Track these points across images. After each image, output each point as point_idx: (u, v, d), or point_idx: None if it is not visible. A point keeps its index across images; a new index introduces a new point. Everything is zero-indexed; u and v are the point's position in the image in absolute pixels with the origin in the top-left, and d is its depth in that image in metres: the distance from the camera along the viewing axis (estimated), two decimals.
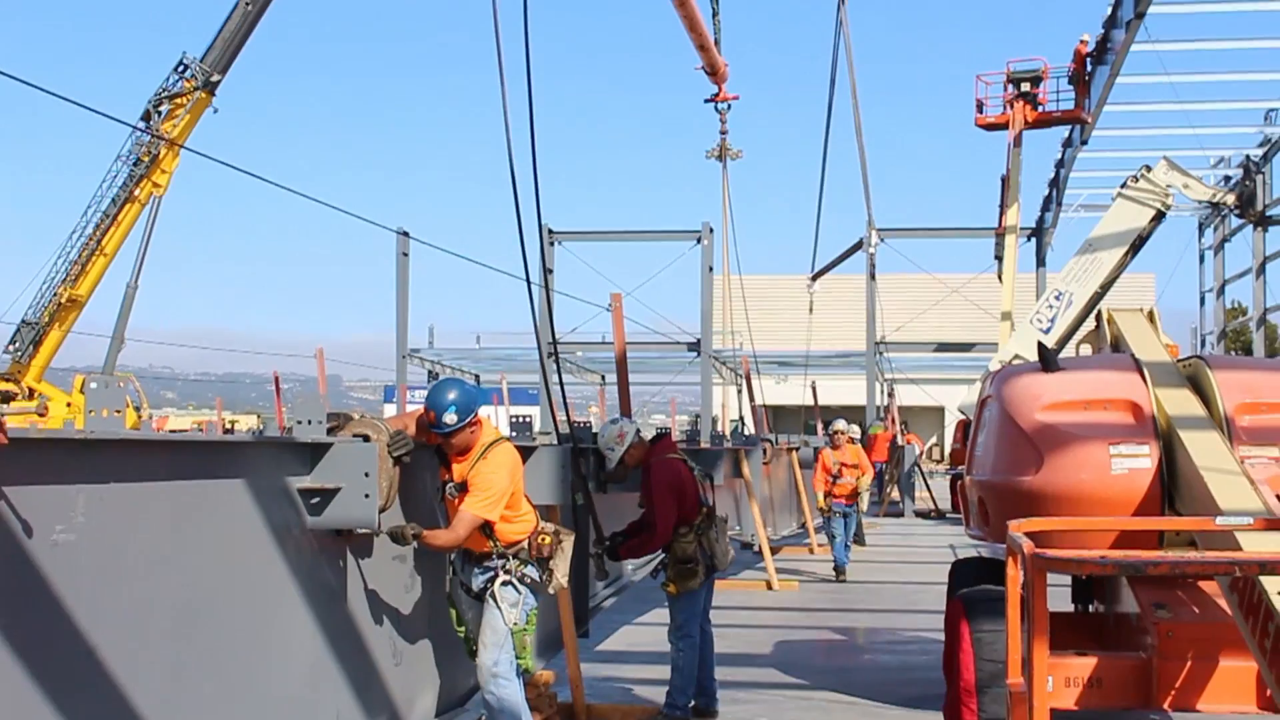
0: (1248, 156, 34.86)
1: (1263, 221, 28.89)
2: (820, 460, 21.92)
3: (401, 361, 41.92)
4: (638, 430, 11.09)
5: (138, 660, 5.57)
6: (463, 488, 8.22)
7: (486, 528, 8.27)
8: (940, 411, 58.37)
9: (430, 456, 8.55)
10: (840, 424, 22.18)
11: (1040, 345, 10.91)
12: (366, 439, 7.32)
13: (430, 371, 50.95)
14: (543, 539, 8.60)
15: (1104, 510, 8.73)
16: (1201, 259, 46.43)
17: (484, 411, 8.58)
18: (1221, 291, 44.80)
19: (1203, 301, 46.95)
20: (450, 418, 8.13)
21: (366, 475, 7.14)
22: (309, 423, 7.13)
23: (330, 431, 7.28)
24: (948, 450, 38.02)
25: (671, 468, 10.88)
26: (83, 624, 5.18)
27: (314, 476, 7.12)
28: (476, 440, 8.32)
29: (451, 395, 8.20)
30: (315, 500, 7.11)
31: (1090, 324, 13.63)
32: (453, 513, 8.31)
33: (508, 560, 8.46)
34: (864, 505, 22.85)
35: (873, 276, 41.97)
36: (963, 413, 21.95)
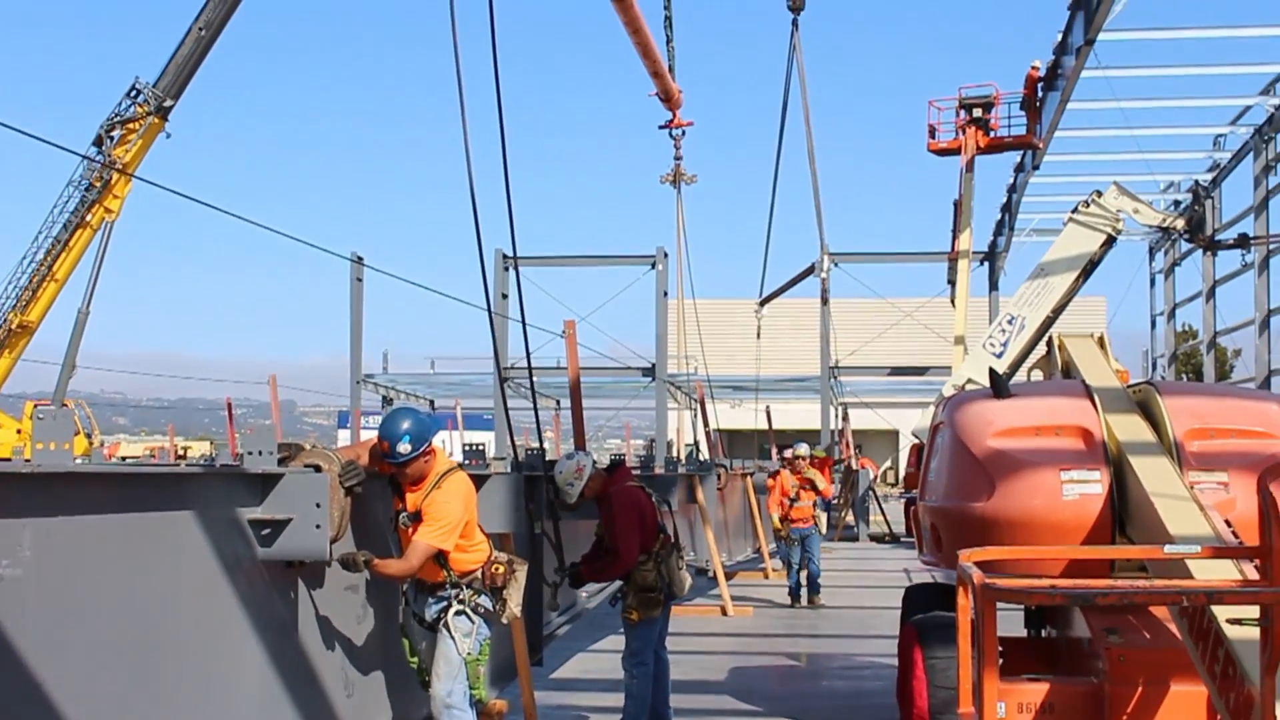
0: (1196, 181, 35.21)
1: (1212, 246, 29.14)
2: (779, 483, 21.76)
3: (356, 387, 41.83)
4: (594, 462, 11.08)
5: (86, 695, 5.52)
6: (416, 517, 8.17)
7: (440, 557, 8.22)
8: (894, 435, 58.60)
9: (383, 486, 8.49)
10: (804, 449, 22.16)
11: (991, 371, 10.95)
12: (318, 469, 7.28)
13: (385, 397, 50.78)
14: (496, 568, 8.55)
15: (1056, 536, 8.76)
16: (1152, 283, 46.85)
17: (438, 438, 8.54)
18: (1172, 315, 45.19)
19: (1154, 325, 47.36)
20: (404, 447, 8.07)
21: (318, 506, 7.10)
22: (260, 453, 7.09)
23: (281, 462, 7.24)
24: (902, 474, 38.11)
25: (633, 496, 10.89)
26: (29, 659, 5.13)
27: (265, 507, 7.08)
28: (431, 469, 8.27)
29: (405, 425, 8.13)
30: (266, 531, 7.07)
31: (1041, 349, 13.72)
32: (406, 542, 8.26)
33: (461, 590, 8.42)
34: (823, 528, 22.65)
35: (825, 301, 42.09)
36: (917, 437, 22.03)
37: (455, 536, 8.22)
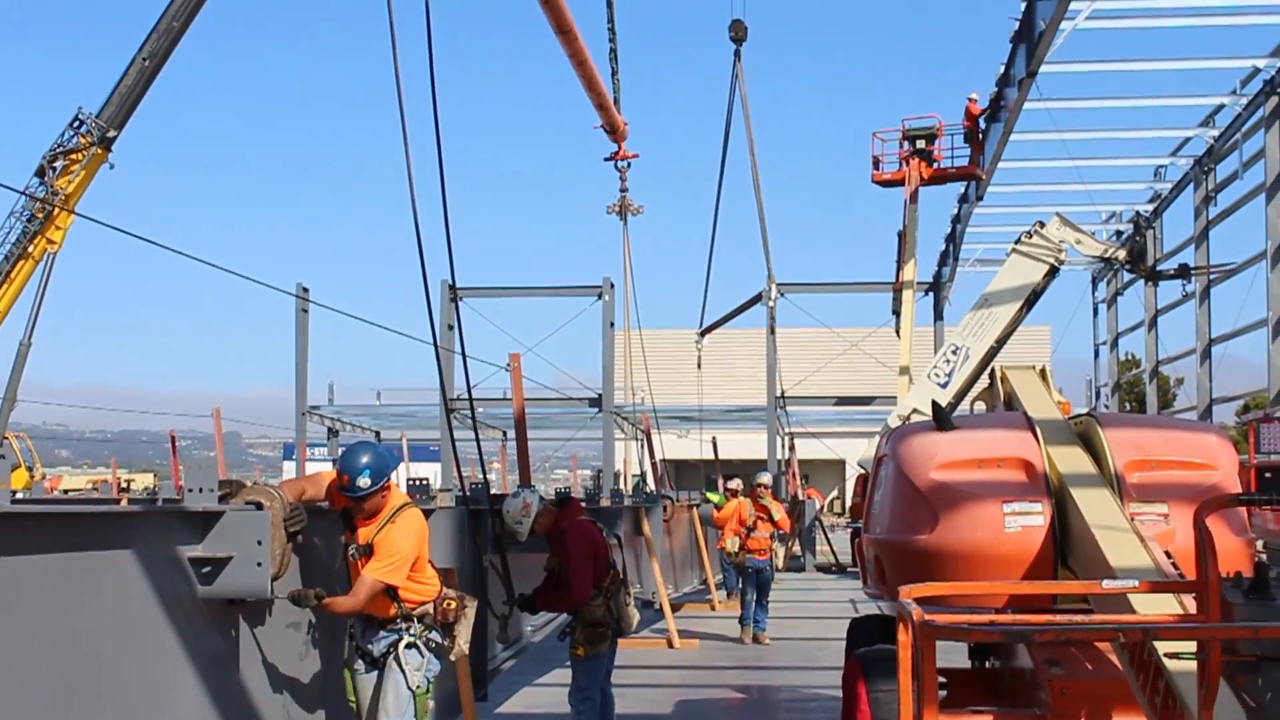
0: (1138, 212, 35.49)
1: (1153, 276, 29.44)
2: (736, 511, 21.54)
3: (301, 418, 41.59)
4: (541, 498, 11.07)
5: None
6: (368, 550, 8.16)
7: (391, 591, 8.21)
8: (841, 465, 58.66)
9: (329, 525, 8.48)
10: (766, 477, 22.07)
11: (934, 404, 11.00)
12: (259, 506, 7.24)
13: (330, 428, 50.52)
14: (448, 604, 8.56)
15: (999, 568, 8.80)
16: (1095, 312, 47.22)
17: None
18: (1115, 344, 45.53)
19: (1097, 354, 47.73)
20: (364, 481, 8.08)
21: (259, 543, 7.06)
22: (200, 490, 7.04)
23: (222, 499, 7.20)
24: (848, 504, 38.15)
25: (587, 531, 10.93)
26: None
27: (205, 545, 7.03)
28: (386, 504, 8.29)
29: (365, 459, 8.14)
30: (207, 569, 7.02)
31: (984, 381, 13.78)
32: (355, 575, 8.24)
33: (413, 623, 8.42)
34: (779, 562, 22.28)
35: (773, 330, 42.08)
36: (862, 467, 22.04)
37: (405, 572, 8.22)
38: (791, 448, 45.98)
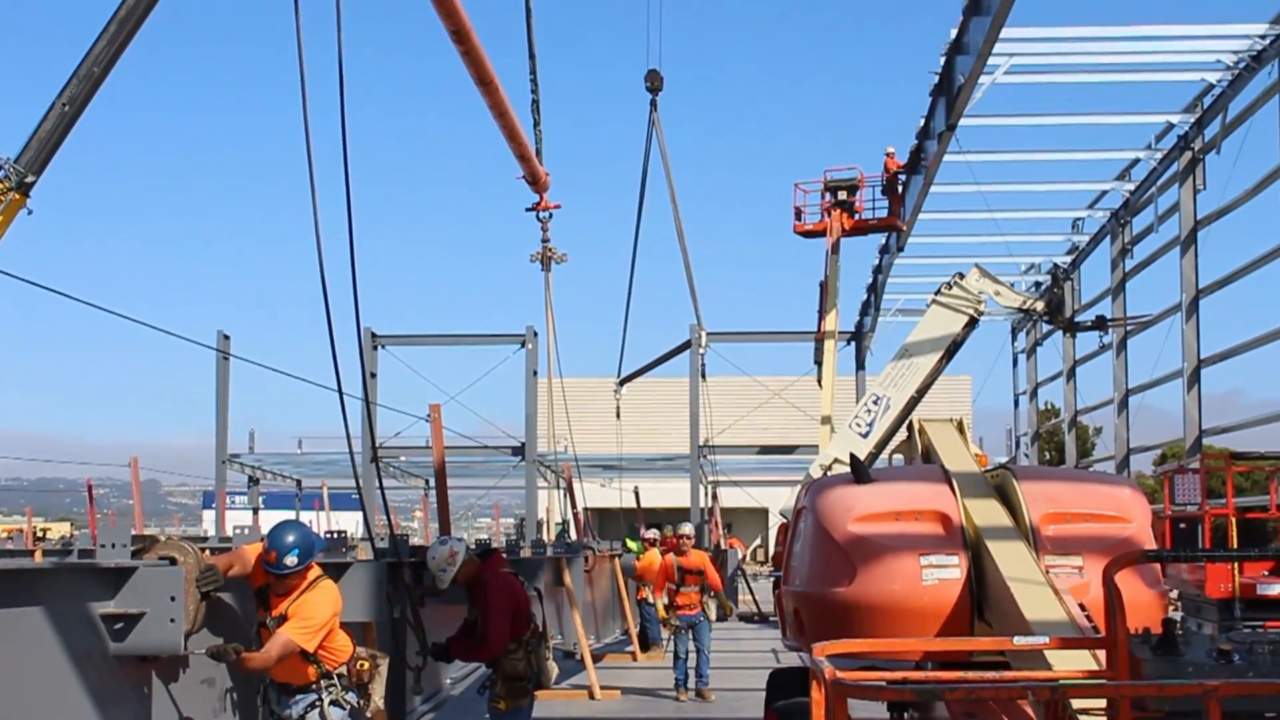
0: (1056, 264, 35.95)
1: (1071, 327, 29.78)
2: (662, 568, 21.22)
3: (221, 466, 41.23)
4: (468, 547, 11.03)
5: None
6: (282, 620, 8.16)
7: (311, 656, 8.21)
8: (764, 513, 58.75)
9: (242, 585, 8.45)
10: (687, 528, 21.77)
11: (852, 457, 11.10)
12: (173, 561, 7.19)
13: (251, 476, 50.06)
14: (361, 665, 8.57)
15: (916, 621, 8.86)
16: (1015, 362, 47.69)
17: (306, 516, 8.57)
18: (1035, 394, 45.95)
19: (1017, 403, 48.17)
20: (291, 560, 8.15)
21: (172, 599, 7.00)
22: (114, 546, 6.98)
23: (136, 554, 7.14)
24: (771, 552, 38.11)
25: (509, 584, 10.88)
26: None
27: (118, 601, 6.96)
28: (304, 580, 8.30)
29: (291, 538, 8.22)
30: (119, 625, 6.95)
31: (903, 434, 13.88)
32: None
33: (334, 682, 8.40)
34: (712, 614, 21.75)
35: (704, 377, 41.99)
36: (784, 516, 22.05)
37: (319, 638, 8.23)
38: (715, 496, 45.98)
